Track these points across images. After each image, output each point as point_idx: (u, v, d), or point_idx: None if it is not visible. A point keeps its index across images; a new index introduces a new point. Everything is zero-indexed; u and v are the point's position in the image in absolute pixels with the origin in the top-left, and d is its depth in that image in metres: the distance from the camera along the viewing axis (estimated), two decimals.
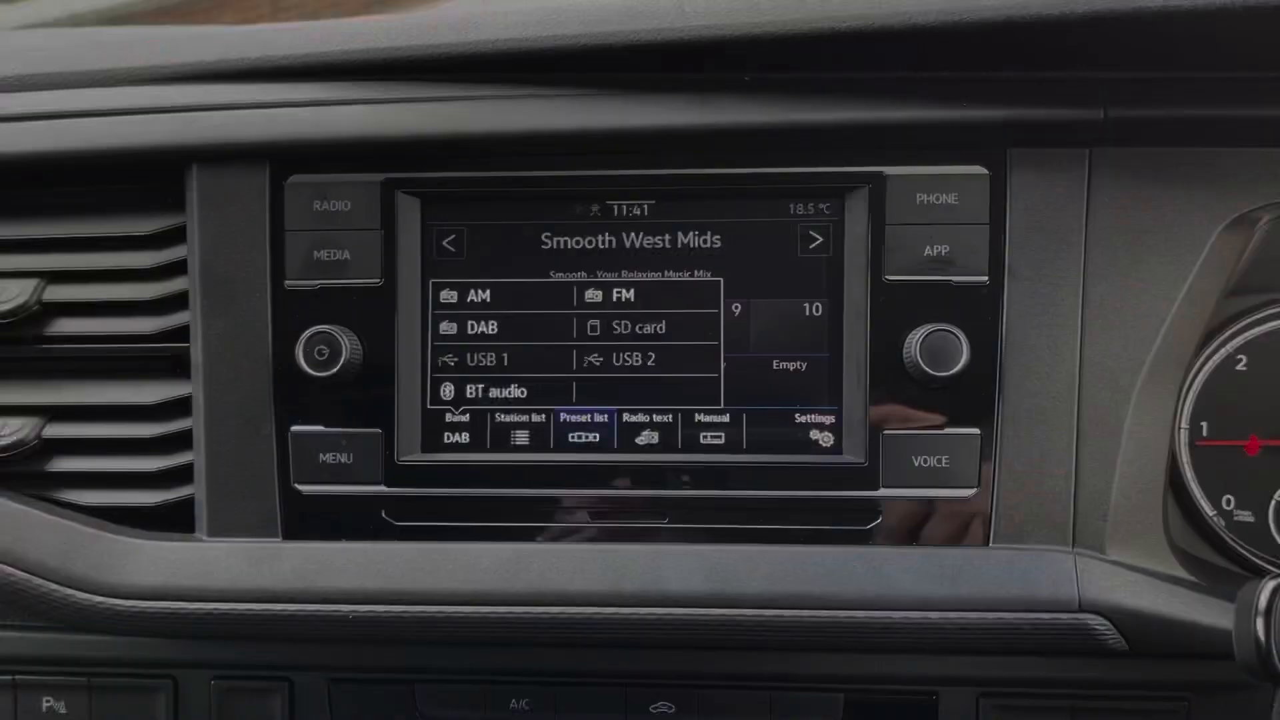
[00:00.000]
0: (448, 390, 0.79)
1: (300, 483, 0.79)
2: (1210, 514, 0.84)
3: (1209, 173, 0.75)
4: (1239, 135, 0.75)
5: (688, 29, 0.73)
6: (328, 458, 0.78)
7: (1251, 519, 0.84)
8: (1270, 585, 0.61)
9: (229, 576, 0.76)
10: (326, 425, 0.78)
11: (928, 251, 0.76)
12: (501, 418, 0.79)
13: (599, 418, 0.79)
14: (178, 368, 0.82)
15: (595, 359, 0.79)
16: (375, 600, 0.75)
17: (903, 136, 0.75)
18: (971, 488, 0.76)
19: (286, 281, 0.79)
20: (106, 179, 0.83)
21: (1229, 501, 0.84)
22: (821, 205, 0.78)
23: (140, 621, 0.76)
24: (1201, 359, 0.84)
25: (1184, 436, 0.84)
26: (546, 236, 0.79)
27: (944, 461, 0.75)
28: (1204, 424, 0.84)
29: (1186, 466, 0.84)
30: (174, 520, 0.81)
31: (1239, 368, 0.85)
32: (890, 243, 0.76)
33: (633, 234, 0.79)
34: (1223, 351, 0.84)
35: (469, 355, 0.79)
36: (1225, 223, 0.75)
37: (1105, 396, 0.75)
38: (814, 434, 0.77)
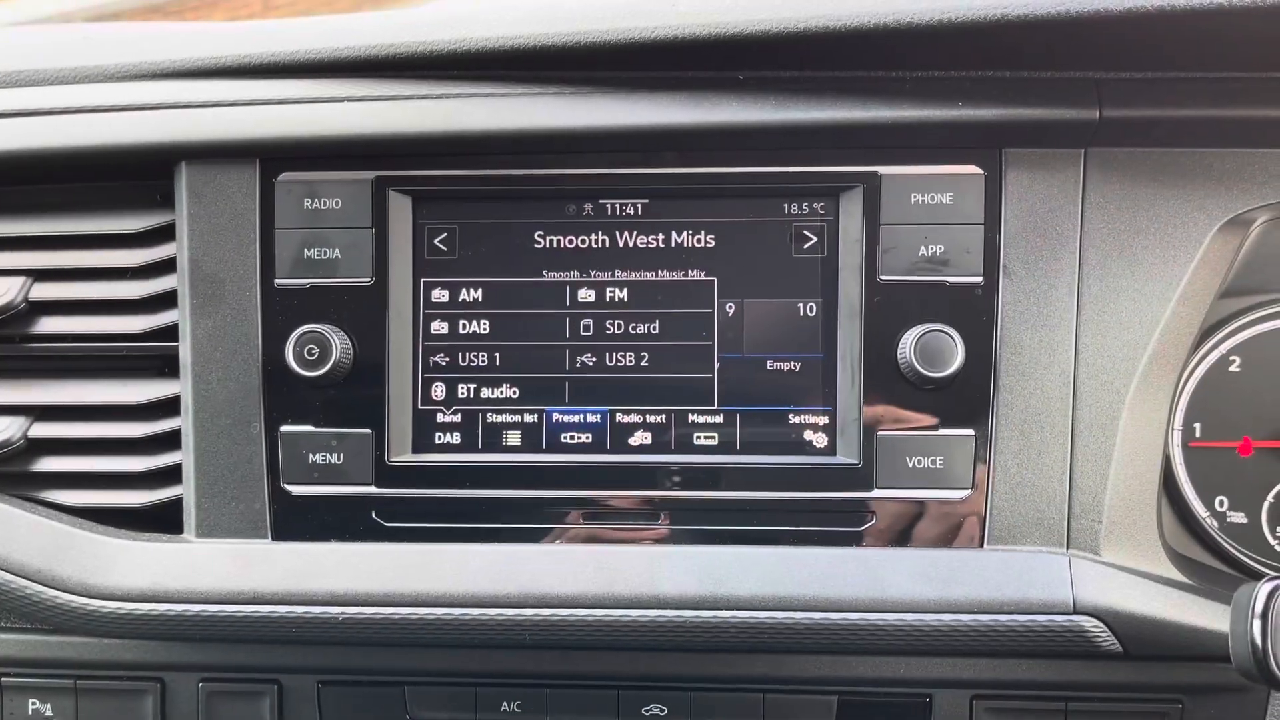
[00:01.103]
0: (439, 390, 0.79)
1: (290, 483, 0.78)
2: (1203, 515, 0.84)
3: (1204, 173, 0.75)
4: (1234, 136, 0.75)
5: (681, 28, 0.72)
6: (317, 458, 0.78)
7: (1244, 520, 0.84)
8: (1267, 587, 0.60)
9: (217, 578, 0.76)
10: (316, 425, 0.78)
11: (922, 251, 0.75)
12: (493, 418, 0.78)
13: (591, 418, 0.78)
14: (166, 367, 0.82)
15: (588, 359, 0.78)
16: (365, 602, 0.74)
17: (897, 136, 0.75)
18: (965, 489, 0.75)
19: (276, 280, 0.78)
20: (95, 176, 0.82)
21: (1222, 503, 0.84)
22: (816, 205, 0.77)
23: (127, 623, 0.75)
24: (1195, 360, 0.84)
25: (1177, 438, 0.84)
26: (539, 235, 0.79)
27: (938, 463, 0.75)
28: (1197, 425, 0.84)
29: (1180, 468, 0.84)
30: (161, 521, 0.80)
31: (1232, 369, 0.84)
32: (885, 243, 0.76)
33: (626, 233, 0.78)
34: (1216, 353, 0.84)
35: (460, 355, 0.79)
36: (1220, 223, 0.75)
37: (1100, 397, 0.75)
38: (808, 435, 0.77)
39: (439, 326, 0.79)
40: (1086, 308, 0.75)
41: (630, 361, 0.78)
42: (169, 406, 0.80)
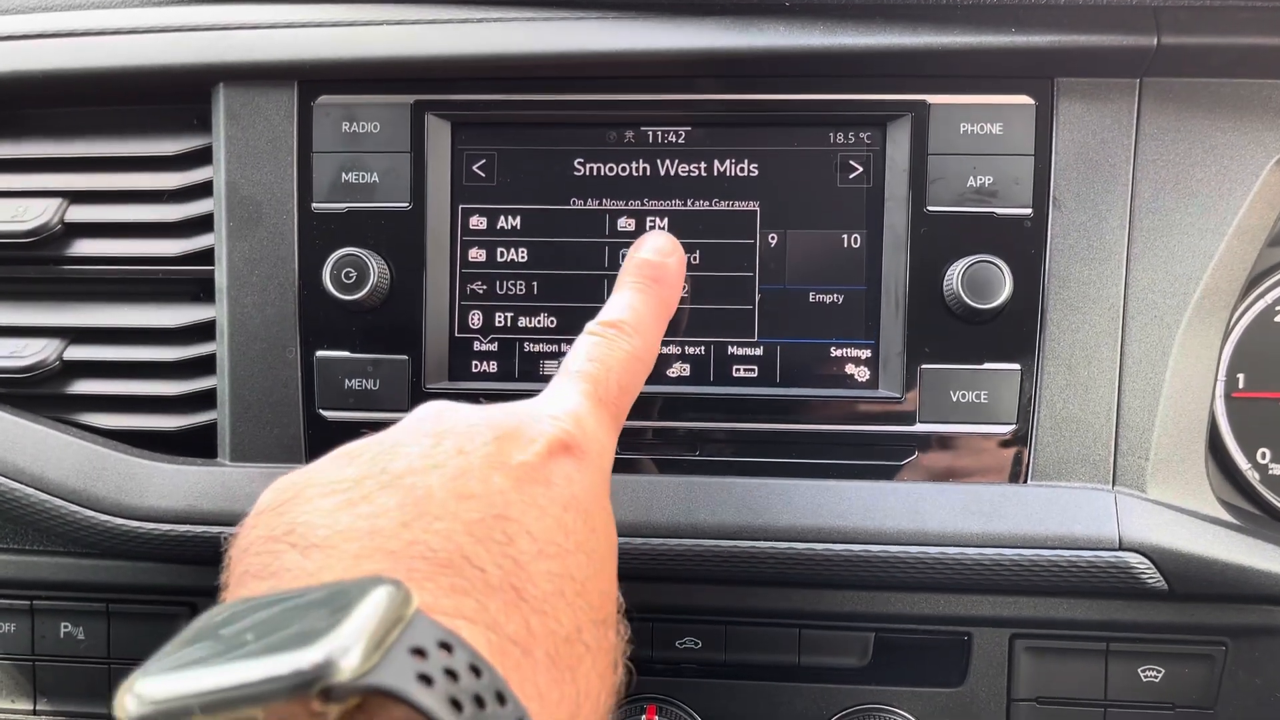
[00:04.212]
0: (476, 318, 0.78)
1: (325, 408, 0.77)
2: (1245, 467, 0.82)
3: (1262, 106, 0.74)
4: None
5: None
6: (353, 383, 0.77)
7: None
8: None
9: (251, 501, 0.74)
10: (352, 350, 0.77)
11: (971, 182, 0.74)
12: (530, 347, 0.78)
13: None
14: (202, 291, 0.81)
15: None
16: None
17: (948, 64, 0.73)
18: (1010, 424, 0.74)
19: (314, 204, 0.77)
20: (132, 99, 0.81)
21: (1264, 454, 0.83)
22: (862, 134, 0.76)
23: (161, 545, 0.75)
24: (1240, 310, 0.82)
25: (1221, 388, 0.82)
26: (579, 163, 0.77)
27: (982, 397, 0.74)
28: (1240, 376, 0.83)
29: (1222, 418, 0.82)
30: (195, 446, 0.80)
31: (1278, 319, 0.83)
32: (933, 173, 0.74)
33: (668, 161, 0.77)
34: (1262, 303, 0.83)
35: (498, 283, 0.78)
36: (1277, 156, 0.73)
37: (1150, 333, 0.74)
38: (850, 368, 0.76)
39: (477, 254, 0.78)
40: (1138, 241, 0.74)
41: None
42: (204, 331, 0.80)
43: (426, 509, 0.45)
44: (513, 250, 0.78)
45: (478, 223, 0.78)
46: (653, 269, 0.68)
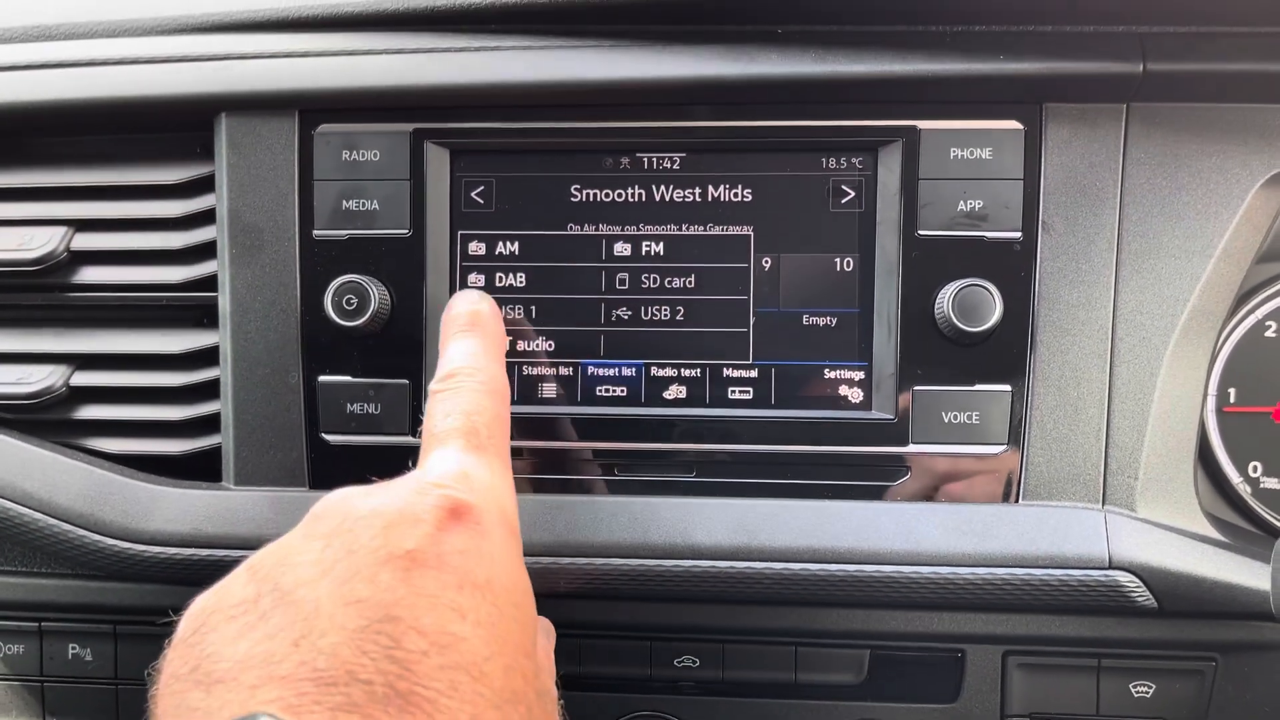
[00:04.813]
0: None
1: (327, 432, 0.79)
2: (1237, 481, 0.84)
3: (1248, 129, 0.75)
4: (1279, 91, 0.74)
5: None
6: (355, 408, 0.78)
7: (1278, 486, 0.83)
8: None
9: (256, 524, 0.76)
10: (354, 375, 0.78)
11: (961, 206, 0.75)
12: (529, 370, 0.79)
13: (627, 371, 0.78)
14: (205, 317, 0.83)
15: (624, 312, 0.78)
16: None
17: (938, 90, 0.75)
18: (1001, 444, 0.75)
19: (315, 231, 0.79)
20: (136, 127, 0.83)
21: (1256, 468, 0.84)
22: (854, 159, 0.77)
23: (167, 568, 0.76)
24: (1231, 325, 0.83)
25: (1212, 403, 0.83)
26: (576, 189, 0.79)
27: (974, 418, 0.75)
28: (1231, 390, 0.84)
29: (1214, 433, 0.83)
30: (199, 470, 0.81)
31: (1268, 334, 0.84)
32: (923, 197, 0.75)
33: (663, 187, 0.78)
34: (1252, 318, 0.84)
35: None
36: (1263, 180, 0.75)
37: (1138, 354, 0.75)
38: (843, 389, 0.77)
39: (475, 279, 0.79)
40: (1126, 264, 0.75)
41: (666, 315, 0.78)
42: (208, 356, 0.81)
43: (314, 624, 0.44)
44: (511, 275, 0.79)
45: (476, 248, 0.79)
46: (468, 317, 0.69)
